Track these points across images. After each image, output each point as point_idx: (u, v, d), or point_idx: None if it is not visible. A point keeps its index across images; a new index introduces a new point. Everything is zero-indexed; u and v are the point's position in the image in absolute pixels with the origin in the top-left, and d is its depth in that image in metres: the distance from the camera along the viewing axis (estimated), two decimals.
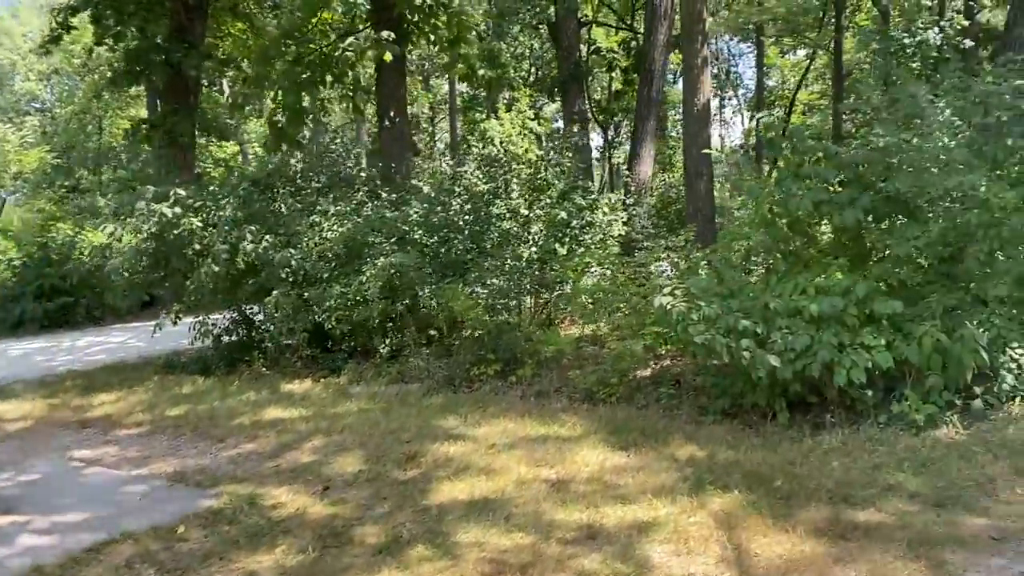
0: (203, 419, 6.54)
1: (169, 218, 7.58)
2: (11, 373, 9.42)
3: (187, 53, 12.70)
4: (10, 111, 45.54)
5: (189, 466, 5.30)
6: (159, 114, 13.71)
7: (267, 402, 7.03)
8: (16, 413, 7.29)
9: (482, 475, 4.71)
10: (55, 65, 44.15)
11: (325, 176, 9.21)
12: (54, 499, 4.58)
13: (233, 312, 8.83)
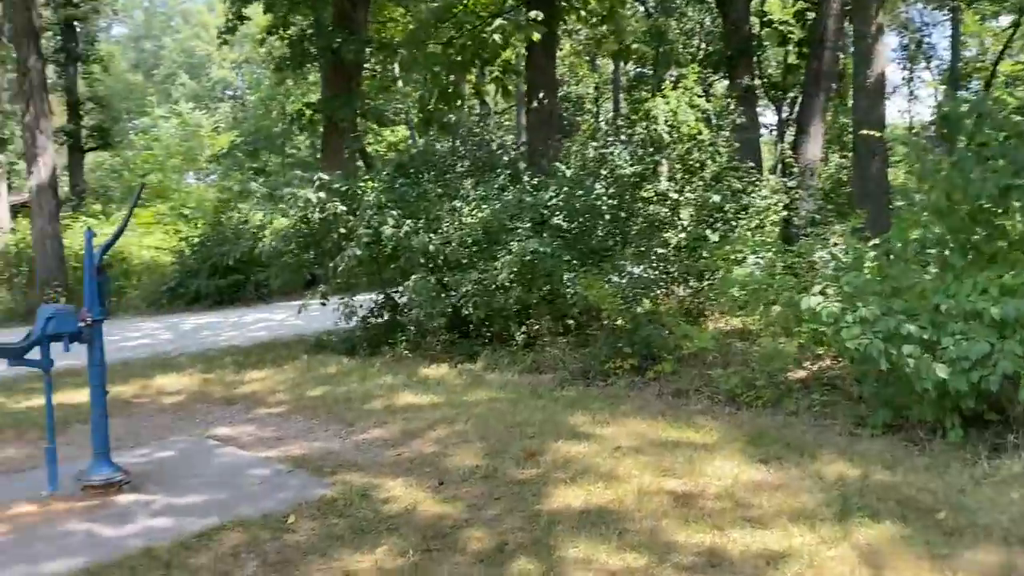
0: (339, 401, 6.62)
1: (314, 203, 7.73)
2: (180, 346, 10.06)
3: (347, 39, 13.02)
4: (205, 98, 49.47)
5: (315, 450, 5.33)
6: (321, 99, 14.21)
7: (402, 387, 7.03)
8: (174, 386, 7.72)
9: (601, 481, 4.40)
10: (245, 54, 47.50)
11: (469, 160, 9.11)
12: (181, 479, 4.71)
13: (379, 294, 8.95)
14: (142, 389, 7.70)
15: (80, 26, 27.69)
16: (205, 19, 52.05)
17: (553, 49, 11.35)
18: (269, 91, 32.06)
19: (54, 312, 4.20)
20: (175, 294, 14.29)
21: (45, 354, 4.26)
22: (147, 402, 7.15)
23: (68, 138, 27.29)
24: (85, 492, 4.35)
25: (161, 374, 8.31)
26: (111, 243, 4.56)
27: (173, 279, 14.54)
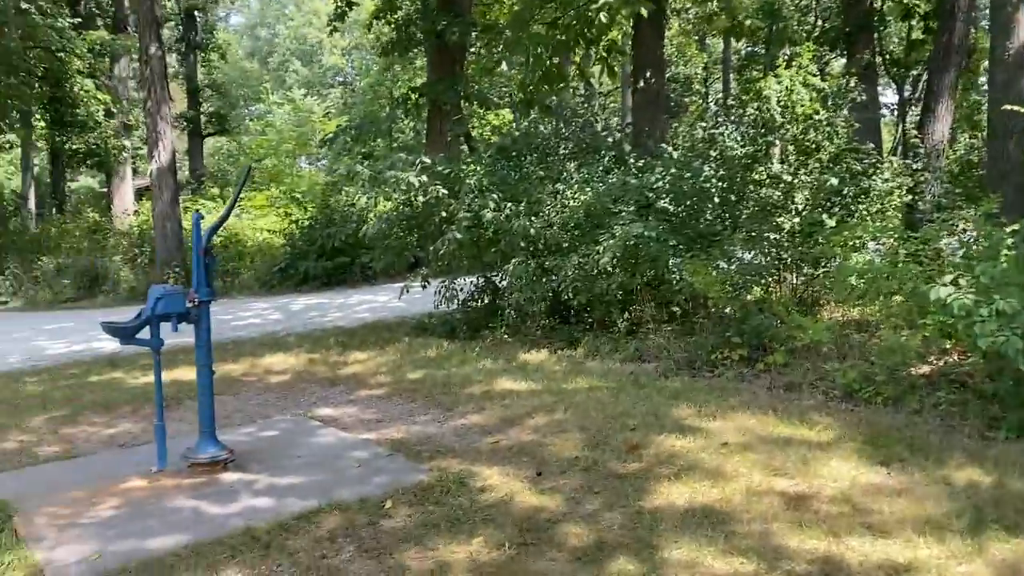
0: (438, 385, 6.61)
1: (416, 186, 7.73)
2: (288, 326, 10.33)
3: (452, 21, 13.02)
4: (317, 84, 50.89)
5: (414, 434, 5.31)
6: (425, 83, 14.28)
7: (501, 372, 6.96)
8: (281, 366, 7.90)
9: (708, 479, 4.19)
10: (355, 41, 48.55)
11: (572, 142, 8.93)
12: (283, 459, 4.76)
13: (479, 278, 8.91)
14: (251, 367, 7.92)
15: (200, 16, 28.89)
16: (317, 6, 53.40)
17: (661, 27, 10.98)
18: (377, 76, 32.63)
19: (163, 293, 4.29)
20: (285, 275, 14.73)
21: (155, 334, 4.37)
22: (255, 380, 7.35)
23: (188, 124, 28.60)
24: (192, 469, 4.45)
25: (269, 353, 8.53)
26: (218, 225, 4.64)
27: (283, 260, 14.99)
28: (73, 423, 6.05)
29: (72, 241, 17.73)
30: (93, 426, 5.95)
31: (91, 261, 15.25)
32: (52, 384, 7.52)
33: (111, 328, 4.29)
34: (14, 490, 4.36)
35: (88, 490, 4.30)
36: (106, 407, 6.48)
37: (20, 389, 7.45)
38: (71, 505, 4.08)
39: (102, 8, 23.40)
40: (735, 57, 28.84)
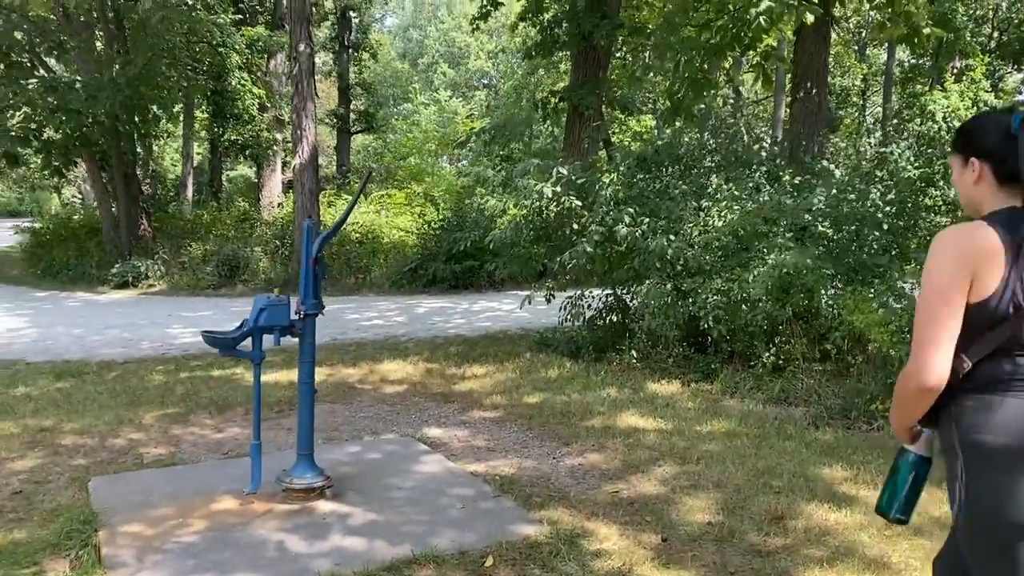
0: (556, 413, 6.10)
1: (548, 196, 7.26)
2: (410, 331, 10.12)
3: (599, 23, 12.50)
4: (463, 87, 51.64)
5: (526, 471, 4.83)
6: (567, 86, 13.81)
7: (627, 403, 6.38)
8: (398, 374, 7.62)
9: (868, 570, 3.47)
10: (501, 44, 48.89)
11: (719, 154, 8.21)
12: (383, 490, 4.39)
13: (608, 295, 8.35)
14: (367, 373, 7.69)
15: (355, 16, 29.67)
16: (467, 10, 54.17)
17: (827, 33, 10.05)
18: (521, 80, 32.56)
19: (267, 303, 4.00)
20: (415, 276, 14.66)
21: (257, 346, 4.08)
22: (369, 389, 7.08)
23: (338, 121, 29.44)
24: (286, 494, 4.14)
25: (388, 359, 8.29)
26: (330, 235, 4.31)
27: (414, 261, 14.92)
28: (184, 423, 5.94)
29: (222, 229, 18.41)
30: (203, 428, 5.82)
31: (234, 250, 15.71)
32: (175, 376, 7.54)
33: (211, 339, 4.04)
34: (107, 499, 4.19)
35: (178, 507, 4.07)
36: (220, 407, 6.36)
37: (146, 379, 7.51)
38: (157, 524, 3.84)
39: (263, 5, 24.35)
40: (897, 69, 26.84)
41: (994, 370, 1.87)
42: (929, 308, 1.86)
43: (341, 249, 16.27)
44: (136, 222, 17.14)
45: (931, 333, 1.85)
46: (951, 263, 1.84)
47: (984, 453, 1.86)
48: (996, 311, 1.83)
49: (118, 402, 6.59)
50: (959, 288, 1.83)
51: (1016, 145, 1.88)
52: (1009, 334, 1.84)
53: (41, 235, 19.54)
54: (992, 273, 1.82)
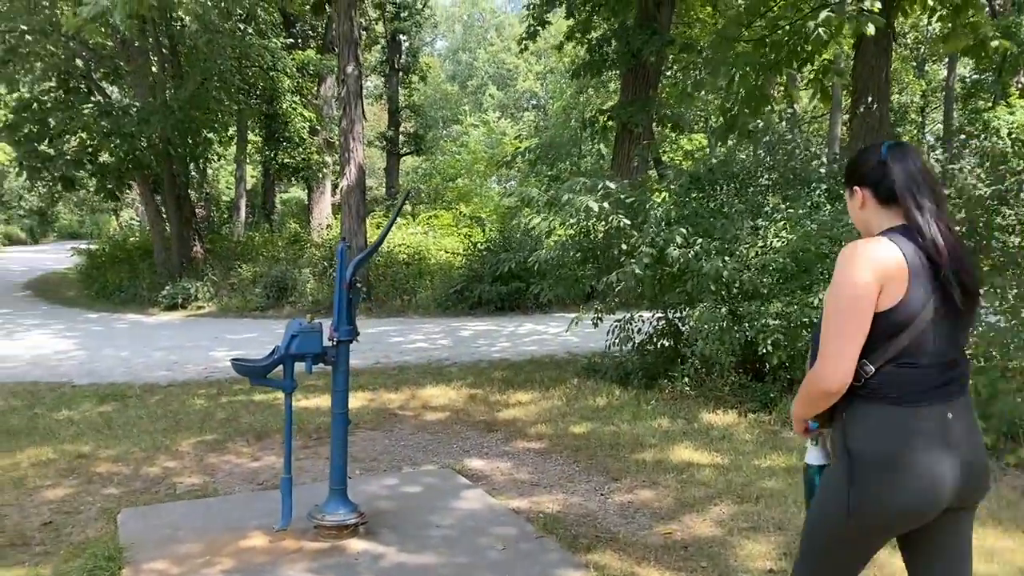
0: (604, 445, 5.80)
1: (596, 213, 6.99)
2: (454, 354, 9.90)
3: (649, 40, 12.26)
4: (511, 108, 51.79)
5: (572, 508, 4.55)
6: (616, 105, 13.57)
7: (679, 435, 6.04)
8: (440, 400, 7.39)
9: None
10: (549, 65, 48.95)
11: (777, 172, 7.86)
12: (420, 527, 4.14)
13: (659, 319, 8.01)
14: (409, 399, 7.48)
15: (405, 39, 29.92)
16: (516, 32, 54.44)
17: (888, 46, 9.66)
18: (569, 100, 32.45)
19: (299, 329, 3.81)
20: (460, 297, 14.47)
21: (288, 374, 3.89)
22: (410, 416, 6.86)
23: (387, 143, 29.65)
24: (317, 531, 3.92)
25: (431, 384, 8.08)
26: (365, 258, 4.12)
27: (460, 282, 14.74)
28: (221, 450, 5.79)
29: (273, 250, 18.52)
30: (239, 457, 5.65)
31: (283, 271, 15.74)
32: (216, 401, 7.43)
33: (241, 367, 3.86)
34: (135, 533, 4.02)
35: (206, 543, 3.88)
36: (258, 435, 6.20)
37: (187, 403, 7.41)
38: (183, 562, 3.65)
39: (315, 30, 24.67)
40: (959, 85, 26.00)
41: (890, 378, 1.96)
42: (840, 315, 1.95)
43: (387, 270, 16.20)
44: (188, 244, 17.33)
45: (840, 339, 1.94)
46: (862, 273, 1.93)
47: (865, 458, 1.97)
48: (898, 321, 1.93)
49: (157, 427, 6.48)
50: (869, 297, 1.92)
51: (885, 168, 2.05)
52: (906, 343, 1.94)
53: (96, 257, 19.90)
54: (897, 285, 1.92)
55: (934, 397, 1.97)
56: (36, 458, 5.59)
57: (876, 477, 1.96)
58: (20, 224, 43.26)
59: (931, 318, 1.95)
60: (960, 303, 1.97)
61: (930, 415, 1.97)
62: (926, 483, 1.94)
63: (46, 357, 9.97)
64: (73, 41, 16.31)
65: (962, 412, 2.01)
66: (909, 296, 1.93)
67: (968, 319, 2.05)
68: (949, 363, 2.00)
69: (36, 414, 7.05)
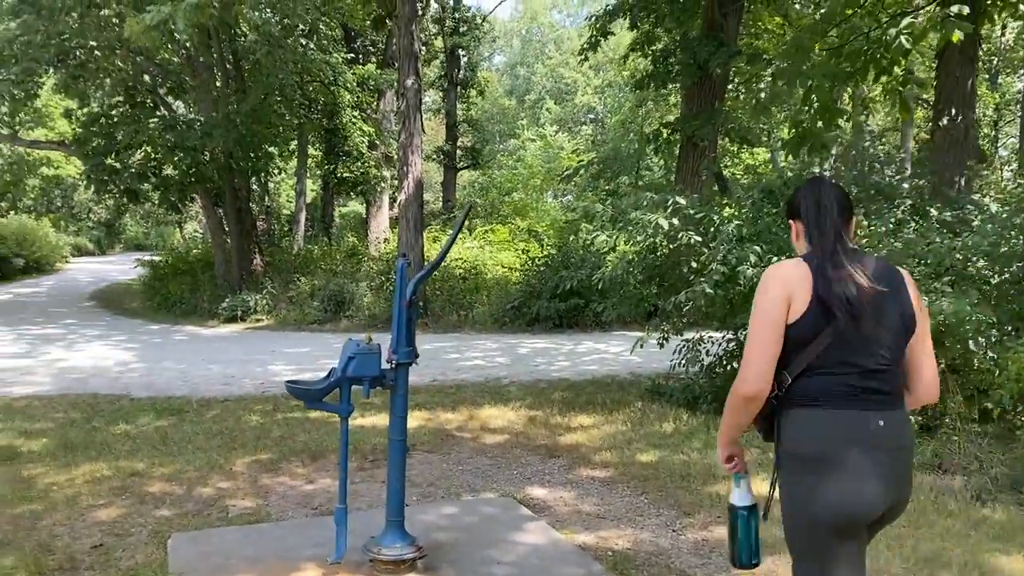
0: (674, 475, 5.47)
1: (664, 230, 6.68)
2: (512, 372, 9.65)
3: (716, 51, 11.91)
4: (569, 122, 51.57)
5: (642, 545, 4.24)
6: (680, 117, 13.22)
7: (754, 466, 5.67)
8: (499, 421, 7.15)
9: None
10: (608, 79, 48.66)
11: (857, 187, 7.44)
12: (479, 563, 3.89)
13: (728, 341, 7.64)
14: (467, 420, 7.25)
15: (463, 54, 29.98)
16: (575, 46, 54.32)
17: (975, 54, 9.15)
18: (628, 114, 32.10)
19: (356, 351, 3.60)
20: (518, 314, 14.23)
21: (345, 398, 3.68)
22: (469, 439, 6.63)
23: (444, 157, 29.68)
24: (373, 565, 3.69)
25: (489, 404, 7.85)
26: (426, 275, 3.89)
27: (517, 298, 14.51)
28: (276, 471, 5.63)
29: (331, 264, 18.58)
30: (294, 478, 5.48)
31: (340, 285, 15.72)
32: (272, 417, 7.30)
33: (296, 390, 3.67)
34: (185, 560, 3.86)
35: (257, 574, 3.68)
36: (314, 455, 6.03)
37: (243, 419, 7.31)
38: None
39: (375, 45, 24.85)
40: None
41: (807, 385, 2.12)
42: (755, 329, 2.14)
43: (444, 285, 16.07)
44: (248, 257, 17.48)
45: (753, 348, 2.13)
46: (773, 291, 2.13)
47: (797, 460, 2.13)
48: (804, 333, 2.09)
49: (212, 444, 6.37)
50: (779, 311, 2.11)
51: (803, 205, 2.30)
52: (817, 353, 2.09)
53: (159, 268, 20.23)
54: (802, 301, 2.10)
55: (855, 403, 2.10)
56: (91, 474, 5.51)
57: (809, 476, 2.10)
58: (89, 235, 44.55)
59: (841, 330, 2.09)
60: (848, 324, 2.09)
61: (852, 418, 2.09)
62: (853, 483, 2.06)
63: (107, 369, 10.03)
64: (141, 57, 16.66)
65: (894, 424, 2.13)
66: (811, 310, 2.10)
67: (881, 334, 2.14)
68: (868, 372, 2.11)
69: (94, 427, 7.01)
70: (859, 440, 2.07)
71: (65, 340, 12.64)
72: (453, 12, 28.05)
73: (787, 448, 2.17)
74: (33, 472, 5.63)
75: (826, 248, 2.19)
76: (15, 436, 6.71)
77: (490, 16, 33.89)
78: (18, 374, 9.55)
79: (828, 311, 2.10)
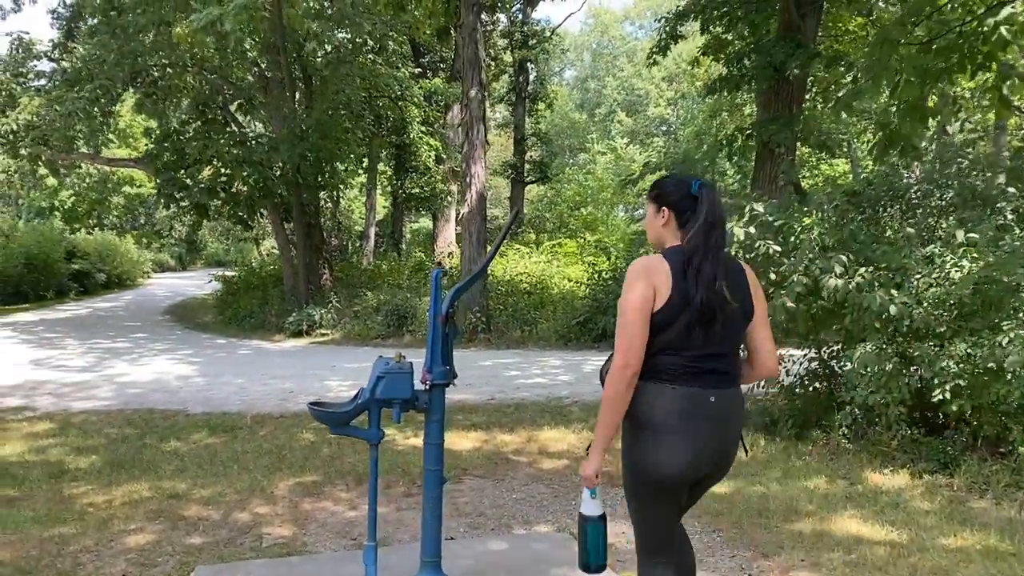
0: (751, 510, 4.92)
1: (741, 240, 6.14)
2: (575, 392, 9.18)
3: (793, 53, 11.26)
4: (641, 134, 50.87)
5: None
6: (756, 122, 12.58)
7: (842, 499, 5.09)
8: (559, 445, 6.69)
9: None
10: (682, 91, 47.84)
11: (951, 191, 6.76)
12: None
13: (810, 359, 7.02)
14: (525, 442, 6.82)
15: (532, 68, 29.74)
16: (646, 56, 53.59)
17: None
18: (701, 125, 31.35)
19: (385, 370, 3.22)
20: (583, 329, 13.73)
21: (375, 422, 3.30)
22: (525, 463, 6.19)
23: (512, 171, 29.43)
24: None
25: (549, 426, 7.41)
26: (463, 288, 3.50)
27: (583, 314, 14.02)
28: (318, 495, 5.31)
29: (397, 279, 18.45)
30: (336, 503, 5.15)
31: (404, 299, 15.52)
32: (323, 435, 7.01)
33: (320, 413, 3.31)
34: None
35: None
36: (359, 478, 5.69)
37: (295, 437, 7.05)
38: None
39: (443, 61, 24.81)
40: None
41: (659, 363, 2.43)
42: (628, 317, 2.41)
43: (508, 300, 15.70)
44: (316, 271, 17.47)
45: (629, 335, 2.40)
46: (641, 282, 2.42)
47: (639, 425, 2.46)
48: (663, 320, 2.40)
49: (259, 464, 6.11)
50: (647, 300, 2.40)
51: (693, 201, 2.54)
52: (672, 337, 2.41)
53: (232, 283, 20.47)
54: (663, 293, 2.41)
55: (695, 381, 2.42)
56: (130, 495, 5.30)
57: (646, 438, 2.43)
58: (170, 252, 45.92)
59: (693, 320, 2.39)
60: (703, 320, 2.40)
61: (692, 395, 2.41)
62: (685, 446, 2.41)
63: (167, 383, 9.97)
64: (213, 75, 16.89)
65: (726, 400, 2.47)
66: (671, 301, 2.39)
67: (729, 328, 2.47)
68: (711, 356, 2.43)
69: (145, 444, 6.86)
70: (695, 413, 2.42)
71: (132, 354, 12.73)
72: (522, 25, 27.85)
73: (633, 413, 2.44)
74: (75, 491, 5.46)
75: (701, 261, 2.46)
76: (67, 452, 6.60)
77: (560, 30, 33.58)
78: (80, 389, 9.57)
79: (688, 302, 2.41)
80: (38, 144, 15.16)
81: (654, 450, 2.41)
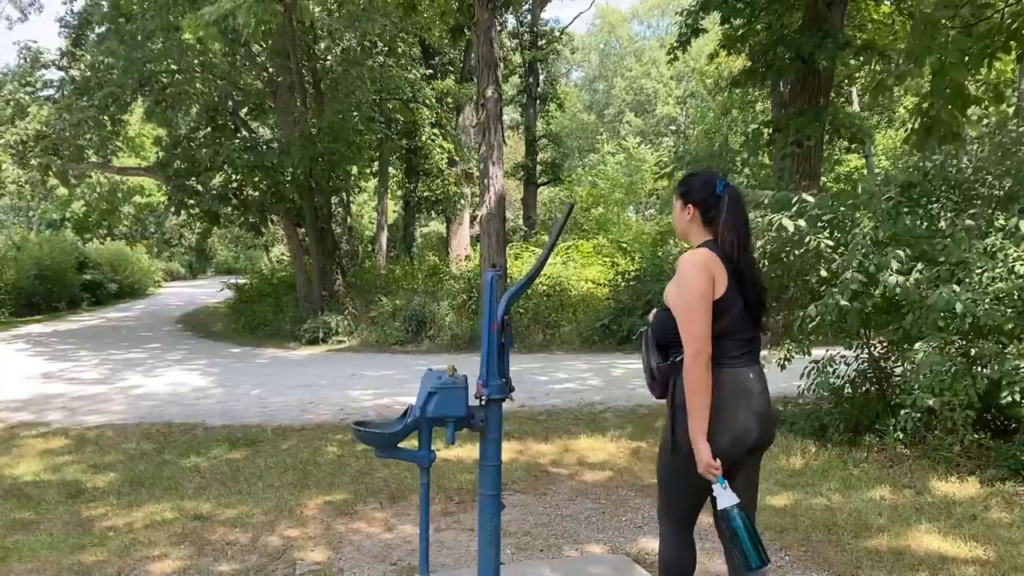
0: (817, 524, 4.57)
1: (790, 233, 5.78)
2: (608, 397, 8.84)
3: (820, 43, 10.91)
4: (650, 134, 50.49)
5: None
6: (784, 116, 12.21)
7: (912, 511, 4.73)
8: (598, 455, 6.35)
9: None
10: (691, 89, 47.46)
11: (1011, 179, 6.40)
12: None
13: (863, 360, 6.66)
14: (562, 453, 6.49)
15: (542, 69, 29.42)
16: (655, 55, 53.30)
17: None
18: (713, 123, 30.97)
19: (437, 385, 2.89)
20: (607, 332, 13.39)
21: (425, 443, 2.97)
22: (566, 476, 5.85)
23: (524, 173, 29.11)
24: None
25: (585, 434, 7.07)
26: (520, 290, 3.15)
27: (607, 315, 13.67)
28: (351, 514, 4.98)
29: (412, 283, 18.14)
30: (371, 523, 4.82)
31: (422, 304, 15.20)
32: (350, 448, 6.69)
33: (366, 435, 2.98)
34: None
35: None
36: (393, 495, 5.37)
37: (320, 450, 6.73)
38: None
39: (453, 63, 24.51)
40: None
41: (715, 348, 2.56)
42: (693, 307, 2.56)
43: (528, 303, 15.36)
44: (330, 278, 17.17)
45: (698, 324, 2.55)
46: (704, 273, 2.59)
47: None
48: (722, 308, 2.58)
49: (284, 481, 5.79)
50: (710, 291, 2.57)
51: (718, 200, 2.70)
52: (727, 323, 2.60)
53: (244, 291, 20.19)
54: (721, 282, 2.60)
55: (739, 362, 2.64)
56: (152, 517, 4.98)
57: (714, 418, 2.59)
58: (181, 260, 45.76)
59: (743, 306, 2.65)
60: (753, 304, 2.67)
61: (738, 373, 2.63)
62: (738, 426, 2.60)
63: (183, 394, 9.67)
64: (223, 80, 16.63)
65: (760, 374, 2.71)
66: (728, 291, 2.61)
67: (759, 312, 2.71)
68: (752, 339, 2.70)
69: (164, 460, 6.55)
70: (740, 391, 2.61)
71: (145, 365, 12.45)
72: (531, 27, 27.55)
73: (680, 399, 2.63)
74: (93, 512, 5.16)
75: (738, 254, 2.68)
76: (83, 470, 6.29)
77: (567, 30, 33.28)
78: (95, 401, 9.27)
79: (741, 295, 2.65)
80: (48, 154, 14.93)
81: (715, 426, 2.55)
